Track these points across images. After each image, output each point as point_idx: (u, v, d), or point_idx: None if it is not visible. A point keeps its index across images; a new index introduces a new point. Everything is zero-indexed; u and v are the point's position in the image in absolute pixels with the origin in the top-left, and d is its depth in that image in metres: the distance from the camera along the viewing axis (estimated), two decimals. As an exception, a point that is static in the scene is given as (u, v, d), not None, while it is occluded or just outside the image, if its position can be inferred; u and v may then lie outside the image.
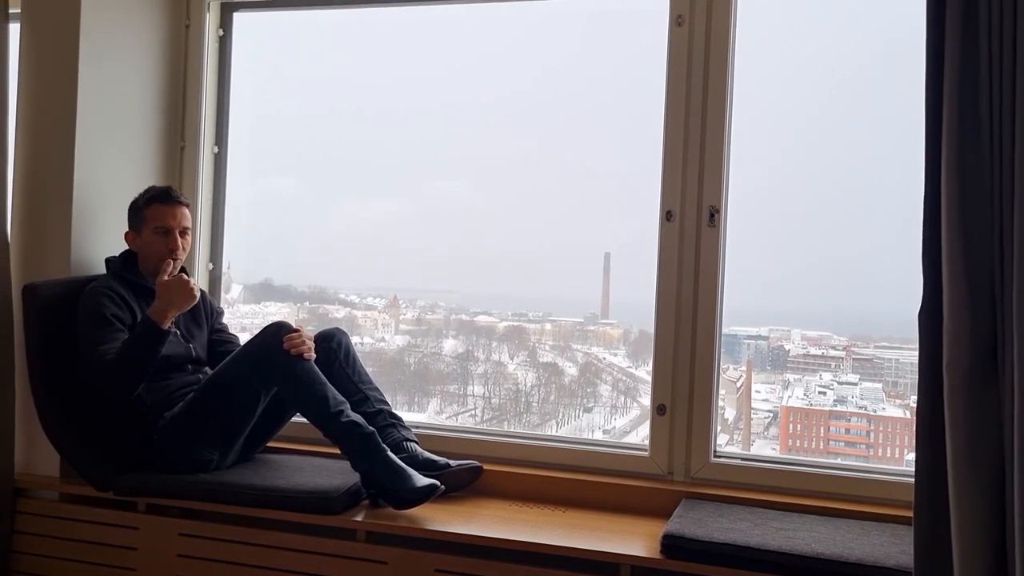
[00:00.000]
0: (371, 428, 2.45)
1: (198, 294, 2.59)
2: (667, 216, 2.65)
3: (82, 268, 2.71)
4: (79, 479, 2.59)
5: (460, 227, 3.15)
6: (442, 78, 3.09)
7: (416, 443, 2.65)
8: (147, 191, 2.69)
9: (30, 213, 2.73)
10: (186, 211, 2.69)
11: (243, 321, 3.40)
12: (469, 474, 2.63)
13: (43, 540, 2.62)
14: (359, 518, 2.40)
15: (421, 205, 3.21)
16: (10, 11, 2.77)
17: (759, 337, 3.02)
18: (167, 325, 2.47)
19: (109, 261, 2.67)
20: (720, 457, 2.63)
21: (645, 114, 2.70)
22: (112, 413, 2.55)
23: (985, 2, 1.86)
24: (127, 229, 2.68)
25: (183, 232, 2.67)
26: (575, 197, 3.00)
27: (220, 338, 2.84)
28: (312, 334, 2.61)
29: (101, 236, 2.78)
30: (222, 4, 3.14)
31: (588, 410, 3.21)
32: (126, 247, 2.70)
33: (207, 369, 2.74)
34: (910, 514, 1.95)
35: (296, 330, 2.52)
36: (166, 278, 2.54)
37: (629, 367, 3.22)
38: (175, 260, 2.65)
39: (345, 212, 3.32)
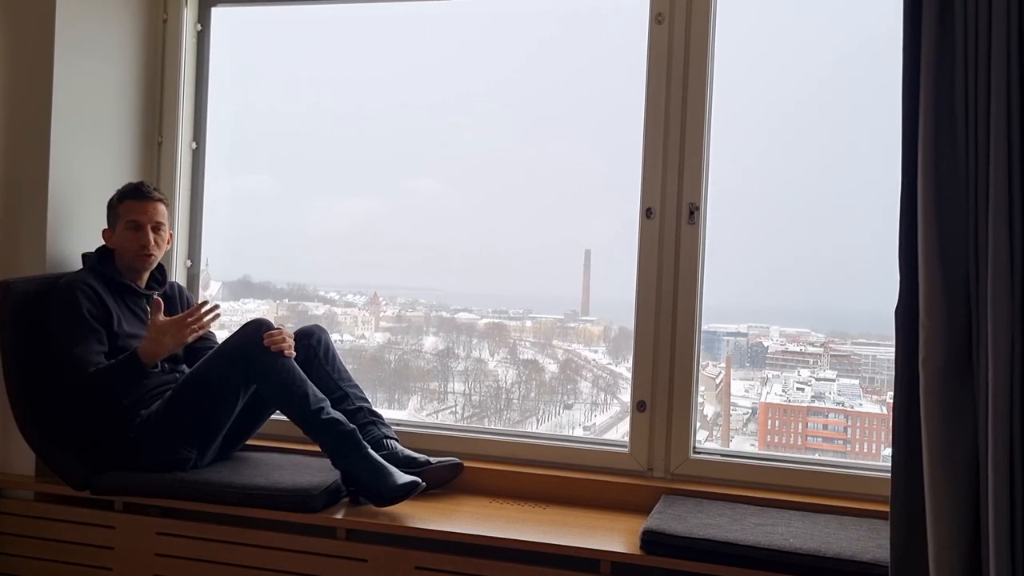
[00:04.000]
0: (351, 425, 2.45)
1: (191, 339, 2.54)
2: (647, 213, 2.66)
3: (58, 265, 2.68)
4: (55, 478, 2.56)
5: (440, 224, 3.15)
6: (421, 75, 3.08)
7: (396, 440, 2.64)
8: (122, 187, 2.67)
9: (5, 209, 2.69)
10: (160, 207, 2.66)
11: (222, 318, 3.37)
12: (449, 471, 2.63)
13: (19, 540, 2.59)
14: (339, 516, 2.39)
15: (401, 202, 3.20)
16: (-17, 4, 2.73)
17: (738, 334, 3.03)
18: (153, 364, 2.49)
19: (85, 256, 2.64)
20: (699, 453, 2.64)
21: (625, 111, 2.71)
22: (88, 411, 2.52)
23: (961, 2, 1.88)
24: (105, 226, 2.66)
25: (156, 228, 2.63)
26: (555, 194, 3.00)
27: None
28: (292, 331, 2.60)
29: (77, 232, 2.75)
30: (200, -1, 3.12)
31: (568, 407, 3.21)
32: (103, 243, 2.67)
33: (184, 367, 2.72)
34: (887, 509, 1.98)
35: (275, 327, 2.50)
36: (162, 318, 2.49)
37: (609, 364, 3.23)
38: (147, 257, 2.63)
39: (324, 209, 3.31)
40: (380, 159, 3.15)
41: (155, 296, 2.59)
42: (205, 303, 2.59)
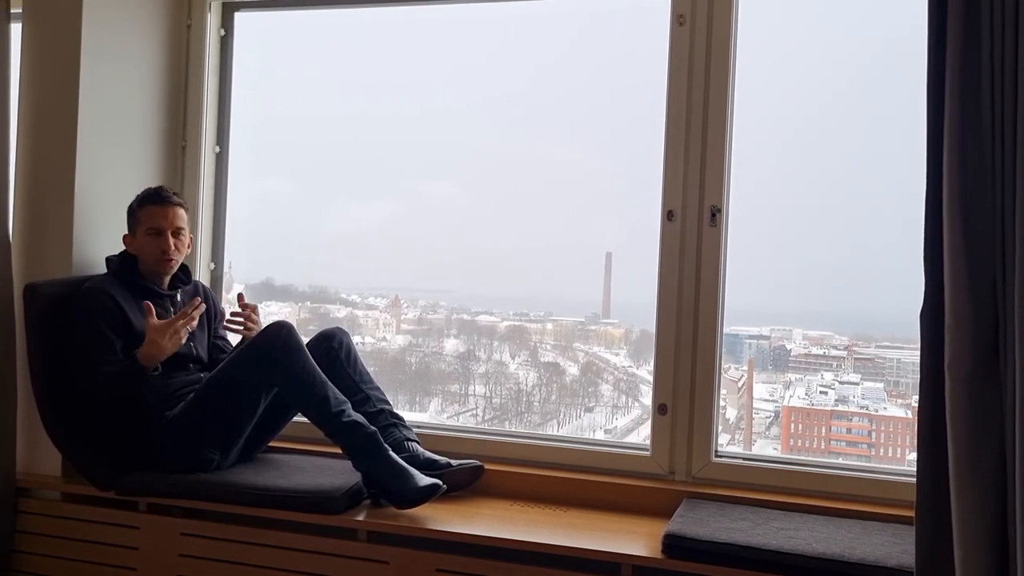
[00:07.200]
0: (373, 428, 2.45)
1: (185, 338, 2.54)
2: (668, 216, 2.64)
3: (83, 267, 2.72)
4: (81, 479, 2.59)
5: (461, 227, 3.15)
6: (444, 78, 3.09)
7: (417, 443, 2.65)
8: (141, 192, 2.69)
9: (31, 213, 2.73)
10: (180, 211, 2.67)
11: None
12: (470, 474, 2.63)
13: (45, 540, 2.62)
14: (360, 518, 2.40)
15: (422, 205, 3.21)
16: (12, 11, 2.77)
17: (760, 337, 3.01)
18: (152, 367, 2.49)
19: (109, 260, 2.67)
20: (721, 457, 2.63)
21: (646, 113, 2.70)
22: (113, 413, 2.55)
23: (987, 1, 1.85)
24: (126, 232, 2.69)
25: (176, 232, 2.64)
26: (576, 197, 3.00)
27: (220, 335, 2.85)
28: (313, 334, 2.61)
29: (102, 235, 2.78)
30: (223, 4, 3.14)
31: (589, 410, 3.20)
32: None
33: (207, 370, 2.74)
34: (912, 514, 1.95)
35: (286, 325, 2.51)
36: (154, 321, 2.49)
37: (630, 367, 3.22)
38: (168, 261, 2.64)
39: (346, 212, 3.32)
40: (401, 162, 3.16)
41: (145, 303, 2.53)
42: (196, 299, 2.61)
